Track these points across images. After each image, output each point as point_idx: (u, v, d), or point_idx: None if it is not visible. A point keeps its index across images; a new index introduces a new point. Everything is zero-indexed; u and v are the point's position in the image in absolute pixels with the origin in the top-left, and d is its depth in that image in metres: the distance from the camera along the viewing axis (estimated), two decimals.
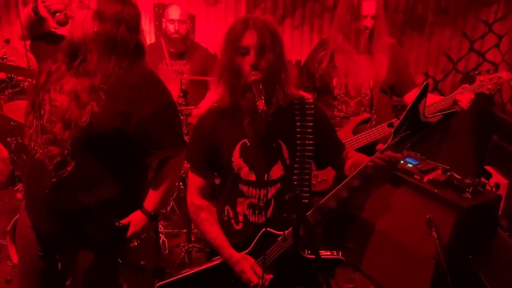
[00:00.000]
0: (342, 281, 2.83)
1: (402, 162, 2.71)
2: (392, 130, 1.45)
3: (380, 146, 1.52)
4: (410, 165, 2.67)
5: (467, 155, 3.74)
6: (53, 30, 1.86)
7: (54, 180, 1.60)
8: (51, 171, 1.60)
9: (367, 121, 2.59)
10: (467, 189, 2.39)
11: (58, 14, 1.65)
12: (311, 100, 1.65)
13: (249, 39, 1.47)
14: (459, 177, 2.50)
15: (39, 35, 1.81)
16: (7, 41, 3.35)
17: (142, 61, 1.73)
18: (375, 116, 2.59)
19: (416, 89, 2.63)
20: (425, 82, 1.41)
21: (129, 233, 1.73)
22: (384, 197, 2.77)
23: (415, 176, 2.59)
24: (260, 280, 1.53)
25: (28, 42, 1.82)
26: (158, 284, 1.62)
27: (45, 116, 1.65)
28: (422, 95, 1.39)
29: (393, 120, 2.25)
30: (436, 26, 3.98)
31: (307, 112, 1.60)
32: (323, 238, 3.00)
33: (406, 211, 2.63)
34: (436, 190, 2.45)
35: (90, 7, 1.61)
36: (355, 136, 2.51)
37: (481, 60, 4.26)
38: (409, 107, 1.40)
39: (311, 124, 1.60)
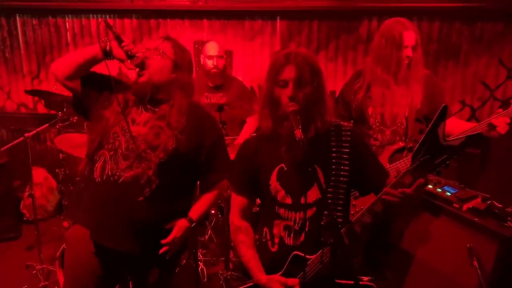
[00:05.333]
0: None
1: (440, 190, 2.69)
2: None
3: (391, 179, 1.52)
4: (449, 194, 2.63)
5: (509, 182, 3.62)
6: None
7: (141, 198, 1.80)
8: (138, 190, 1.79)
9: (402, 150, 2.62)
10: (509, 218, 2.33)
11: (136, 58, 1.79)
12: (348, 127, 1.70)
13: (289, 73, 1.57)
14: (500, 205, 2.45)
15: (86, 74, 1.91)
16: None
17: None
18: (410, 144, 2.60)
19: (452, 118, 2.64)
20: (443, 105, 1.38)
21: (171, 236, 1.88)
22: (424, 226, 2.73)
23: (454, 204, 2.55)
24: None
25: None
26: None
27: (122, 146, 1.84)
28: (441, 117, 1.37)
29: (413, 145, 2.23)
30: (472, 54, 3.97)
31: (343, 138, 1.66)
32: (362, 268, 2.98)
33: (446, 240, 2.58)
34: (476, 219, 2.40)
35: (169, 57, 1.87)
36: (391, 165, 2.53)
37: None
38: (427, 130, 1.38)
39: (347, 150, 1.64)
